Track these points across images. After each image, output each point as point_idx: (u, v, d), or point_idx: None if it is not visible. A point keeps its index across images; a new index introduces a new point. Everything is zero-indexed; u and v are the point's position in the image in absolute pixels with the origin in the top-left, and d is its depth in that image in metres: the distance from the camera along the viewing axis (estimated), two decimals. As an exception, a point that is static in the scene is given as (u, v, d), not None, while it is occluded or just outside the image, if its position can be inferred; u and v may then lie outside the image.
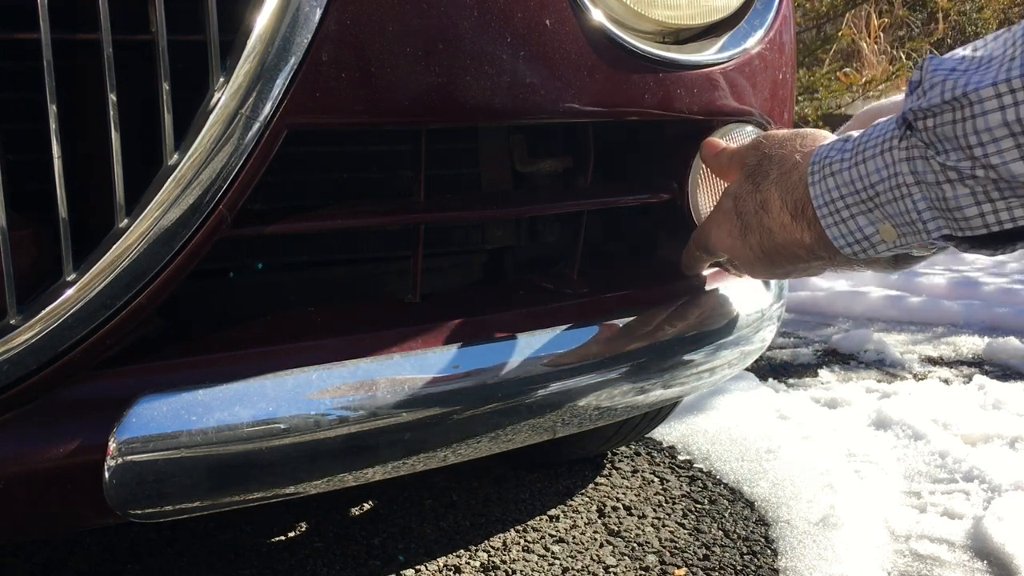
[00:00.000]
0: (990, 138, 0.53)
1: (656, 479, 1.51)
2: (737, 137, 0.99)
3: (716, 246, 0.85)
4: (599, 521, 1.35)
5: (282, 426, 0.73)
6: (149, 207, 0.67)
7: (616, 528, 1.33)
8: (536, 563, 1.22)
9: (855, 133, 0.67)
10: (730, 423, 1.75)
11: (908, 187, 0.60)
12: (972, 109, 0.53)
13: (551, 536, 1.30)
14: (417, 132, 0.84)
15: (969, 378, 2.08)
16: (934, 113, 0.56)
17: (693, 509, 1.40)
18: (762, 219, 0.76)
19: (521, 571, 1.20)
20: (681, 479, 1.52)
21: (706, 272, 1.05)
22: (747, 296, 1.05)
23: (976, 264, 3.45)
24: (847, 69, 5.34)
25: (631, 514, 1.38)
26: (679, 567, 1.22)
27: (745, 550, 1.27)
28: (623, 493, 1.45)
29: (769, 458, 1.58)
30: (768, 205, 0.75)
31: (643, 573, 1.20)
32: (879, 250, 0.66)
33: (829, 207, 0.67)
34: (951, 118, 0.55)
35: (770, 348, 2.39)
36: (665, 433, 1.71)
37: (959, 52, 0.57)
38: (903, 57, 5.65)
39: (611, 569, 1.21)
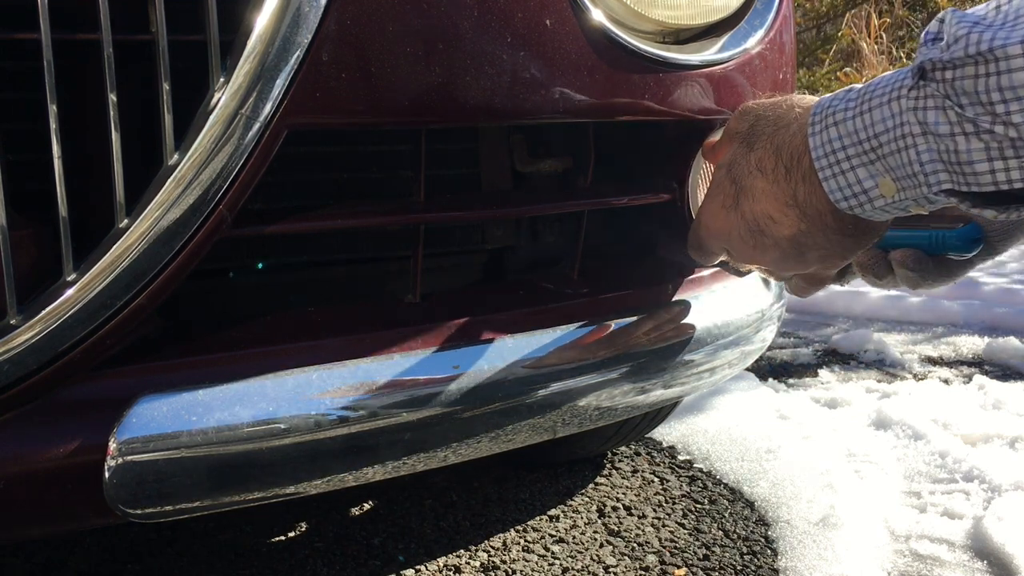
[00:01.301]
0: (1013, 96, 0.52)
1: (656, 479, 1.51)
2: None
3: (709, 224, 0.81)
4: (599, 521, 1.35)
5: (282, 426, 0.73)
6: (149, 207, 0.67)
7: (616, 528, 1.33)
8: (536, 563, 1.22)
9: (859, 85, 0.65)
10: (730, 423, 1.75)
11: (913, 137, 0.59)
12: (998, 65, 0.52)
13: (551, 536, 1.30)
14: (417, 132, 0.84)
15: (969, 378, 2.08)
16: (955, 66, 0.55)
17: (693, 509, 1.40)
18: (755, 181, 0.73)
19: (521, 571, 1.20)
20: (681, 479, 1.52)
21: (706, 272, 1.05)
22: (747, 296, 1.05)
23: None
24: (847, 69, 5.34)
25: (631, 514, 1.38)
26: (679, 567, 1.22)
27: (745, 550, 1.27)
28: (623, 493, 1.45)
29: (769, 458, 1.58)
30: (763, 163, 0.72)
31: (643, 573, 1.20)
32: (876, 205, 0.64)
33: (829, 158, 0.65)
34: (973, 72, 0.54)
35: (770, 348, 2.39)
36: (665, 433, 1.71)
37: (981, 8, 0.56)
38: (903, 57, 5.65)
39: (611, 569, 1.21)
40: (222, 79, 0.67)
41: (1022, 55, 0.51)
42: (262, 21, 0.68)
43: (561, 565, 1.22)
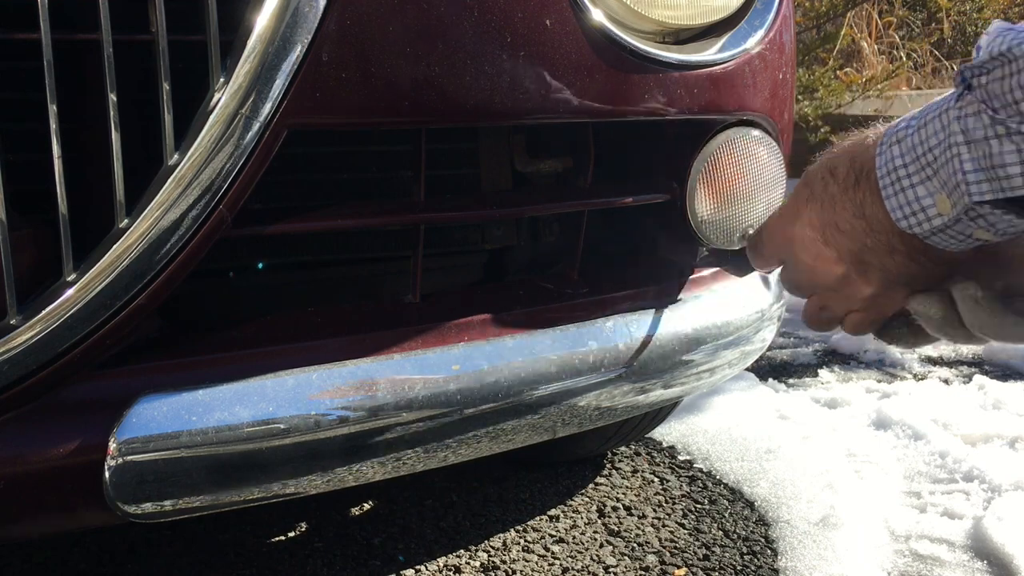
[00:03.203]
0: None
1: (656, 479, 1.51)
2: (739, 141, 0.99)
3: (774, 228, 0.79)
4: (599, 521, 1.35)
5: (282, 426, 0.73)
6: (149, 207, 0.67)
7: (616, 528, 1.33)
8: (536, 563, 1.22)
9: (934, 100, 0.65)
10: (730, 423, 1.75)
11: (958, 147, 0.59)
12: (1018, 64, 0.53)
13: (551, 536, 1.30)
14: (417, 132, 0.84)
15: (969, 378, 2.08)
16: (987, 70, 0.56)
17: (693, 509, 1.40)
18: (827, 186, 0.72)
19: (521, 571, 1.20)
20: (681, 479, 1.52)
21: (706, 272, 1.05)
22: (747, 296, 1.05)
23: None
24: (847, 69, 5.34)
25: (631, 514, 1.38)
26: (679, 567, 1.22)
27: (745, 550, 1.27)
28: (623, 493, 1.45)
29: (769, 458, 1.58)
30: (836, 170, 0.71)
31: (643, 573, 1.20)
32: (934, 225, 0.64)
33: (891, 175, 0.65)
34: (1000, 74, 0.55)
35: (770, 348, 2.39)
36: (665, 433, 1.71)
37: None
38: (903, 57, 5.65)
39: (611, 569, 1.21)
40: (222, 79, 0.67)
41: None
42: (262, 21, 0.68)
43: (561, 565, 1.22)
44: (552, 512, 1.38)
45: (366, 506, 1.39)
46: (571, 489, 1.46)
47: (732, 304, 1.02)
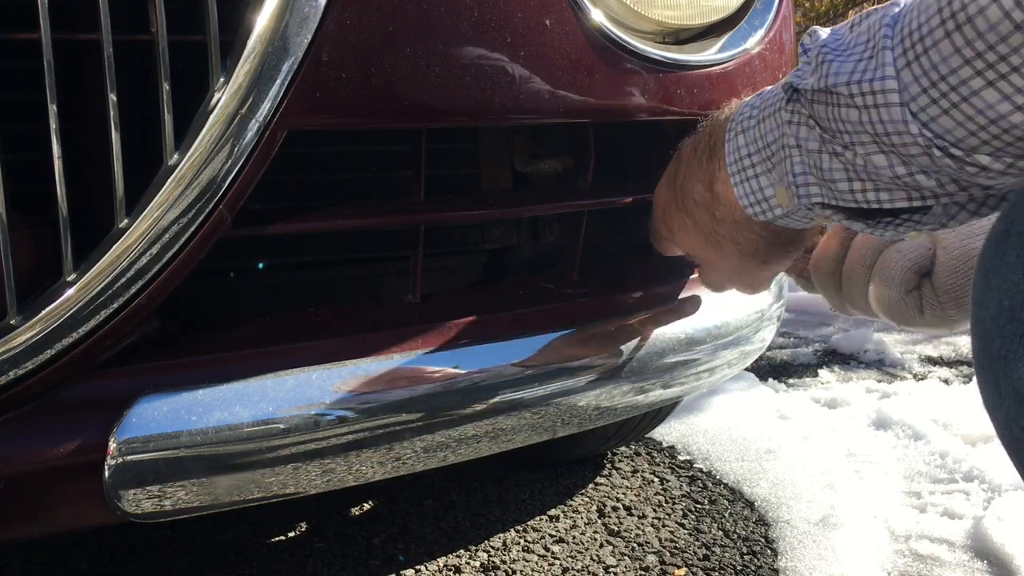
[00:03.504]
0: (850, 128, 0.54)
1: (656, 479, 1.51)
2: None
3: (656, 198, 0.82)
4: (599, 521, 1.35)
5: (282, 426, 0.73)
6: (149, 207, 0.67)
7: (616, 528, 1.33)
8: (536, 563, 1.22)
9: (769, 88, 0.67)
10: (730, 423, 1.75)
11: (790, 148, 0.61)
12: (837, 99, 0.54)
13: (551, 536, 1.30)
14: (417, 132, 0.84)
15: (969, 378, 2.08)
16: (813, 97, 0.57)
17: (693, 509, 1.40)
18: (689, 156, 0.74)
19: (521, 571, 1.20)
20: (681, 479, 1.52)
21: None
22: (747, 296, 1.05)
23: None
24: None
25: (631, 514, 1.38)
26: (679, 567, 1.22)
27: (745, 550, 1.27)
28: (623, 493, 1.45)
29: (769, 458, 1.58)
30: (698, 145, 0.74)
31: (643, 573, 1.20)
32: (776, 213, 0.66)
33: (737, 164, 0.67)
34: (823, 99, 0.56)
35: (770, 348, 2.39)
36: (665, 433, 1.71)
37: (841, 26, 0.57)
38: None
39: (611, 569, 1.21)
40: (222, 79, 0.67)
41: (847, 95, 0.53)
42: (262, 21, 0.68)
43: (561, 565, 1.22)
44: (552, 512, 1.38)
45: (366, 506, 1.39)
46: (571, 489, 1.46)
47: (731, 304, 1.02)
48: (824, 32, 0.57)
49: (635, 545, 1.28)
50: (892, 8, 0.52)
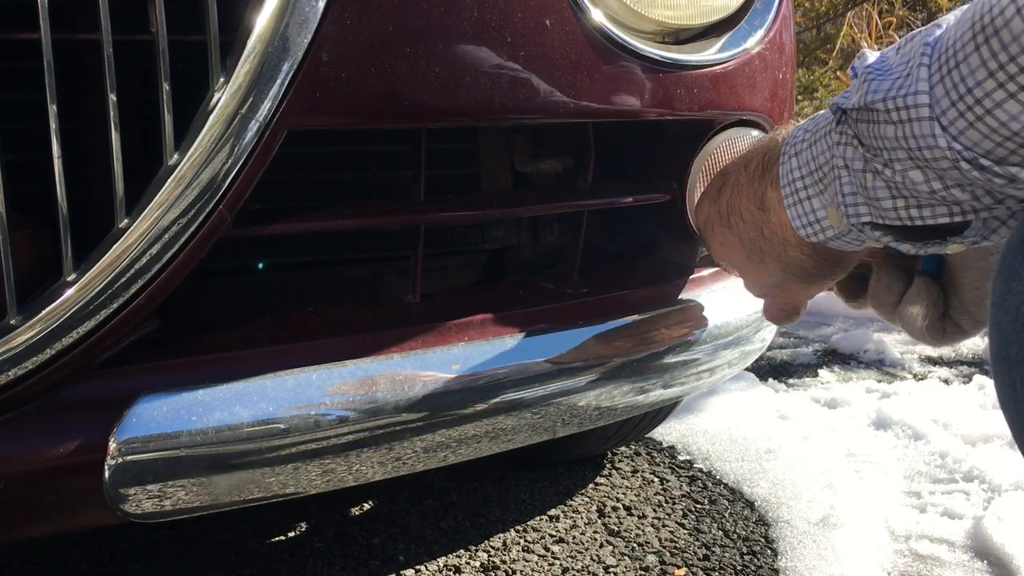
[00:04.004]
0: (889, 145, 0.55)
1: (656, 479, 1.51)
2: (739, 141, 0.99)
3: (696, 210, 0.82)
4: (599, 521, 1.35)
5: (282, 426, 0.73)
6: (149, 207, 0.67)
7: (616, 528, 1.33)
8: (536, 563, 1.22)
9: (822, 111, 0.68)
10: (730, 423, 1.75)
11: (839, 170, 0.62)
12: (877, 115, 0.55)
13: (551, 536, 1.30)
14: (417, 132, 0.84)
15: (969, 378, 2.08)
16: (855, 116, 0.58)
17: (693, 509, 1.40)
18: (739, 175, 0.75)
19: (521, 571, 1.20)
20: (681, 479, 1.52)
21: (706, 272, 1.05)
22: (747, 296, 1.05)
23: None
24: (848, 69, 5.34)
25: (631, 514, 1.38)
26: (679, 567, 1.22)
27: (745, 550, 1.27)
28: (623, 493, 1.45)
29: (769, 458, 1.58)
30: (749, 163, 0.74)
31: (643, 573, 1.20)
32: (828, 235, 0.67)
33: (791, 186, 0.68)
34: (866, 117, 0.57)
35: (770, 348, 2.39)
36: (665, 433, 1.71)
37: (890, 49, 0.59)
38: (903, 57, 5.64)
39: (611, 569, 1.21)
40: (222, 79, 0.67)
41: (884, 111, 0.54)
42: (262, 21, 0.68)
43: (561, 565, 1.22)
44: (552, 512, 1.38)
45: (366, 506, 1.39)
46: (571, 489, 1.46)
47: (731, 304, 1.02)
48: (873, 55, 0.58)
49: (635, 545, 1.28)
50: (935, 29, 0.53)
